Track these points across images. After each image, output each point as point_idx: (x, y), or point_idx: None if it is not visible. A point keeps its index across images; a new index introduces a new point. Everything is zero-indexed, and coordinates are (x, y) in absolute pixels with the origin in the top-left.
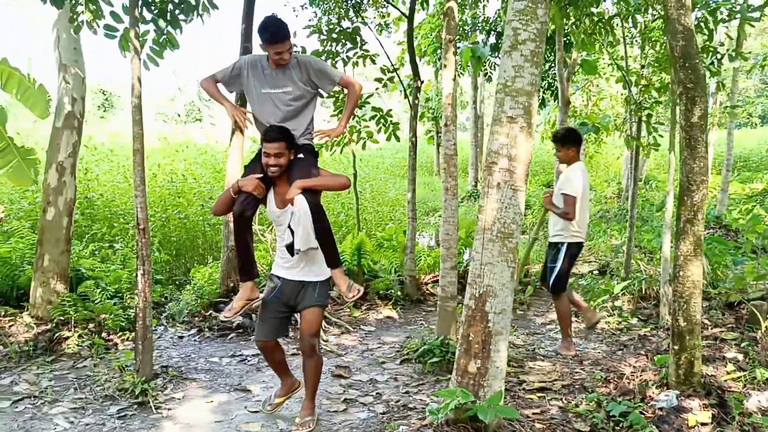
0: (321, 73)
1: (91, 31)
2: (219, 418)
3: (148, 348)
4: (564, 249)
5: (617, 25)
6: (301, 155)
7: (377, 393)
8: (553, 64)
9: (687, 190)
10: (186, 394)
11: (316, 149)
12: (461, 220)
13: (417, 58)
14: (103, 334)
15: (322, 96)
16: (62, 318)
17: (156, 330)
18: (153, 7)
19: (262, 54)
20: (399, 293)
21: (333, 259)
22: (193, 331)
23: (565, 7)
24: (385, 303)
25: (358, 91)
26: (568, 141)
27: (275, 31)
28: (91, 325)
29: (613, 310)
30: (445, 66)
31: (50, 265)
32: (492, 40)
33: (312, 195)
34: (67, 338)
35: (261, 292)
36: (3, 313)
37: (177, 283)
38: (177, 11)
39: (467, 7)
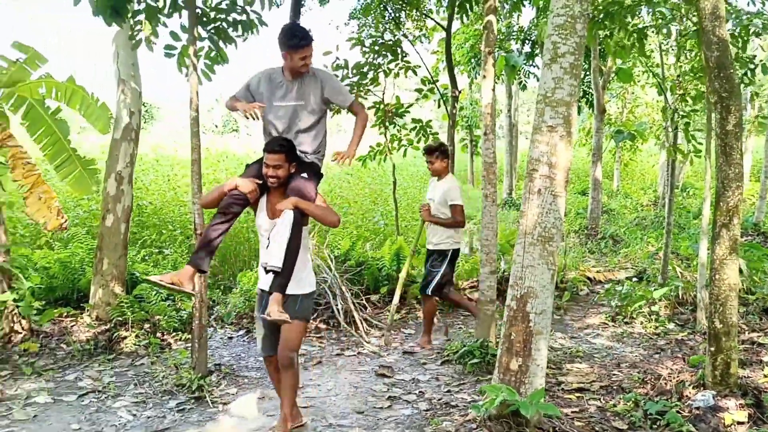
0: (336, 91)
1: (148, 48)
2: (271, 412)
3: (203, 346)
4: (449, 255)
5: (653, 32)
6: (305, 174)
7: (420, 391)
8: (588, 73)
9: (722, 195)
10: (239, 389)
11: (323, 171)
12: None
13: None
14: (158, 334)
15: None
16: (120, 319)
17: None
18: (209, 26)
19: (276, 67)
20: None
21: (280, 282)
22: (241, 332)
23: (599, 21)
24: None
25: (365, 120)
26: (443, 153)
27: (303, 35)
28: (146, 326)
29: (650, 315)
30: (484, 77)
31: (109, 268)
32: (526, 48)
33: (301, 216)
34: (125, 338)
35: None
36: (65, 314)
37: (223, 287)
38: (231, 29)
39: (502, 17)
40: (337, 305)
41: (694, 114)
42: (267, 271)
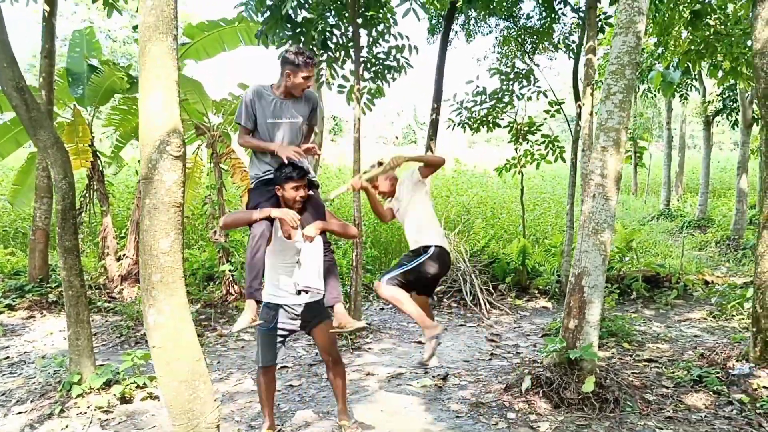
0: (315, 114)
1: (327, 88)
2: (401, 356)
3: (358, 307)
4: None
5: None
6: (311, 192)
7: (517, 352)
8: (735, 89)
9: (763, 201)
10: (381, 340)
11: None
12: (621, 233)
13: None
14: None
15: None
16: None
17: (364, 305)
18: (371, 69)
19: (264, 84)
20: (556, 289)
21: (336, 292)
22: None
23: (702, 51)
24: (543, 296)
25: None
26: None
27: (310, 56)
28: None
29: (747, 313)
30: (583, 104)
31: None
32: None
33: (323, 234)
34: None
35: None
36: None
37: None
38: (387, 71)
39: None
40: (466, 289)
41: None
42: (298, 292)
